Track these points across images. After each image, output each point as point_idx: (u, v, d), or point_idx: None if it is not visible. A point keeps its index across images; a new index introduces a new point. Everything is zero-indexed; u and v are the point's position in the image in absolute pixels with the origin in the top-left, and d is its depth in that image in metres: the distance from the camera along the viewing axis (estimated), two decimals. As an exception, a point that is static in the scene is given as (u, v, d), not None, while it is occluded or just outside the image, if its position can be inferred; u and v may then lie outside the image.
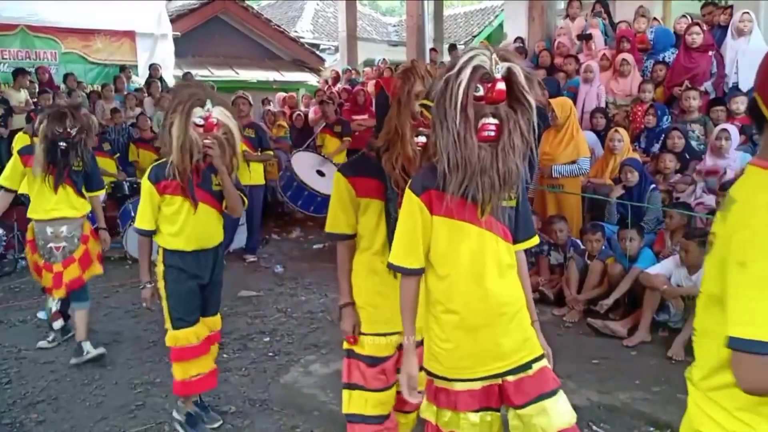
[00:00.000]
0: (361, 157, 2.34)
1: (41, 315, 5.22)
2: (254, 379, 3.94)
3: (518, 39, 8.90)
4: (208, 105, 2.83)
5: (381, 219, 2.24)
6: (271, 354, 4.34)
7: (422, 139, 2.09)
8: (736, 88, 6.05)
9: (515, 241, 1.95)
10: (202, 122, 2.81)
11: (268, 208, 8.80)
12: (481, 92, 1.65)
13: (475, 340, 1.84)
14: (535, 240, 2.08)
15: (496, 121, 1.66)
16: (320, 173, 7.29)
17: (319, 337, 4.65)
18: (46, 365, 4.25)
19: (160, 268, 3.11)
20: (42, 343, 4.53)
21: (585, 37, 7.51)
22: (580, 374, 3.89)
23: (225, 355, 4.32)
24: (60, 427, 3.41)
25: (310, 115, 9.61)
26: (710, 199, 5.09)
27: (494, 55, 1.65)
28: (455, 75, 1.66)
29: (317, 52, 16.13)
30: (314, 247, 7.63)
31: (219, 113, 2.87)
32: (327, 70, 14.22)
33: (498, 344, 1.86)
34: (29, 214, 4.12)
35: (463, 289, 1.82)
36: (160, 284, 3.12)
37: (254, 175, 6.72)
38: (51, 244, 4.07)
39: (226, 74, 13.14)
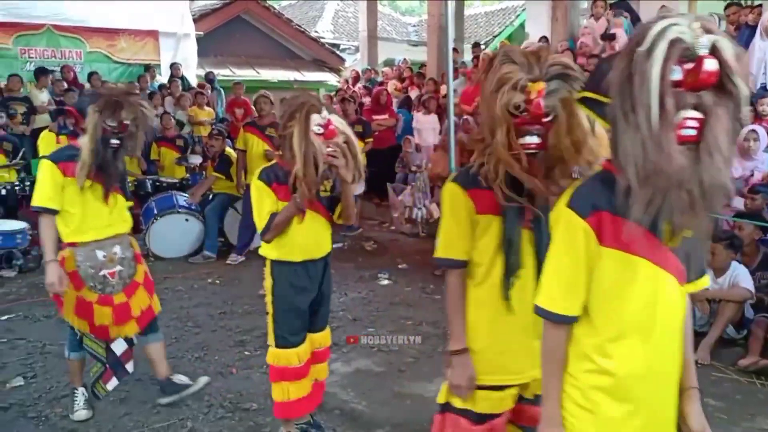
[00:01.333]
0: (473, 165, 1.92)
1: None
2: (275, 376, 3.95)
3: (543, 39, 8.85)
4: (325, 112, 2.62)
5: (500, 248, 1.88)
6: (292, 352, 4.34)
7: (533, 140, 1.72)
8: (764, 89, 5.94)
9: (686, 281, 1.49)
10: (321, 130, 2.59)
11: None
12: (680, 75, 1.21)
13: (629, 416, 1.45)
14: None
15: (699, 115, 1.23)
16: (339, 173, 7.29)
17: (340, 335, 4.64)
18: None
19: (268, 282, 2.94)
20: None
21: (608, 37, 7.43)
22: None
23: (247, 353, 4.35)
24: (84, 422, 3.44)
25: (331, 115, 9.61)
26: (737, 201, 5.01)
27: (695, 24, 1.22)
28: (646, 53, 1.21)
29: (337, 52, 16.17)
30: (334, 245, 7.58)
31: (336, 120, 2.67)
32: (347, 69, 14.24)
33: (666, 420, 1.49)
34: (68, 238, 3.15)
35: (627, 345, 1.42)
36: (268, 298, 2.94)
37: None
38: (104, 271, 3.20)
39: (247, 74, 13.22)
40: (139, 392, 3.78)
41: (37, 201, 3.08)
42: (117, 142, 3.06)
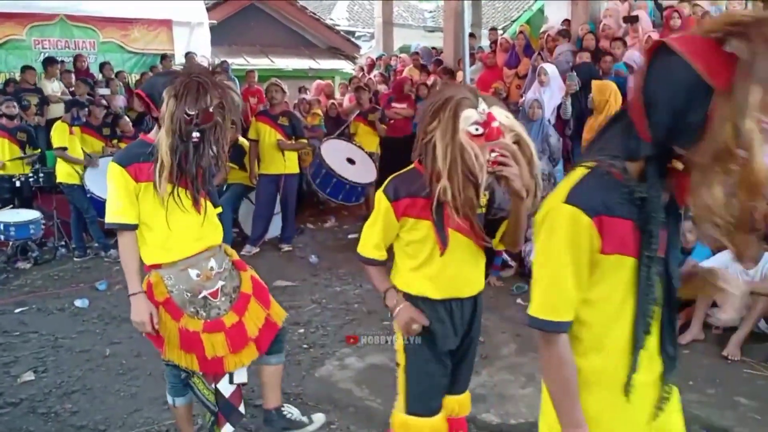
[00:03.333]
0: (606, 179, 1.33)
1: (79, 303, 5.25)
2: (289, 371, 3.84)
3: (565, 21, 8.60)
4: (482, 105, 1.90)
5: (629, 294, 1.38)
6: (305, 346, 4.26)
7: None
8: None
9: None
10: (480, 130, 1.87)
11: (304, 198, 8.74)
12: None
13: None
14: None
15: None
16: (350, 161, 7.16)
17: (355, 329, 4.54)
18: (82, 354, 4.25)
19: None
20: None
21: (631, 20, 7.19)
22: (628, 373, 3.68)
23: (259, 347, 4.25)
24: (93, 418, 3.38)
25: (345, 103, 9.48)
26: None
27: None
28: None
29: (353, 39, 15.98)
30: (349, 237, 7.52)
31: (500, 113, 1.93)
32: (362, 57, 14.07)
33: None
34: (150, 259, 2.55)
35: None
36: (398, 345, 2.26)
37: (289, 163, 6.66)
38: (204, 292, 2.57)
39: (261, 63, 13.08)
40: (150, 388, 3.71)
41: (109, 216, 2.49)
42: (198, 134, 2.36)
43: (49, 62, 8.88)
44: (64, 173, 6.59)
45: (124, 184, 2.44)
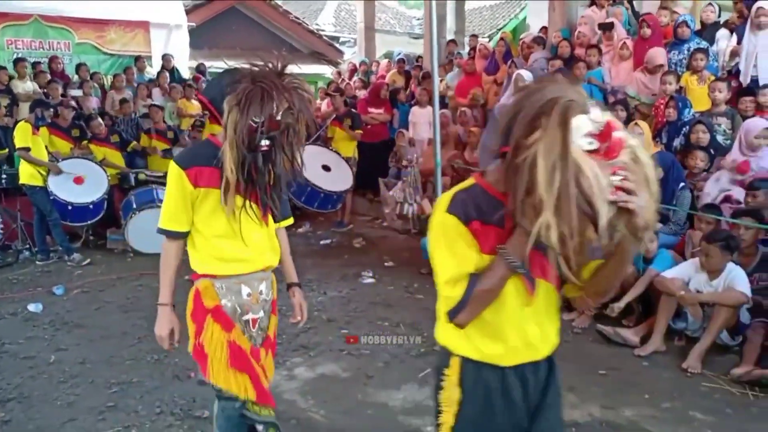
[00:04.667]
0: None
1: (32, 308, 5.11)
2: (235, 381, 3.73)
3: (542, 29, 8.56)
4: (595, 112, 1.36)
5: None
6: (256, 355, 4.12)
7: None
8: (755, 82, 5.65)
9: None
10: (595, 144, 1.34)
11: (278, 202, 8.63)
12: None
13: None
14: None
15: None
16: (326, 168, 7.06)
17: (311, 338, 4.41)
18: (25, 360, 4.11)
19: (450, 393, 1.65)
20: None
21: (605, 27, 7.13)
22: (584, 386, 3.58)
23: (209, 355, 4.12)
24: (25, 428, 3.25)
25: (323, 108, 9.39)
26: (738, 192, 4.72)
27: None
28: None
29: (336, 45, 15.91)
30: (321, 243, 7.41)
31: (617, 123, 1.38)
32: (344, 62, 14.00)
33: None
34: (204, 268, 2.27)
35: None
36: (447, 418, 1.67)
37: None
38: (250, 315, 2.30)
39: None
40: (90, 396, 3.58)
41: (161, 220, 2.25)
42: (268, 143, 2.08)
43: (19, 61, 8.74)
44: (26, 174, 6.45)
45: (181, 187, 2.17)
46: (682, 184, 4.88)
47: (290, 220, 2.51)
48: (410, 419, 3.25)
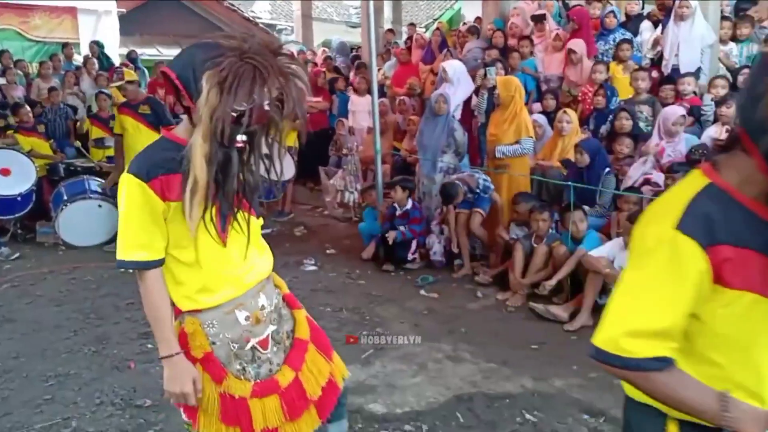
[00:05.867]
0: None
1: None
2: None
3: (476, 19, 8.75)
4: None
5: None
6: (198, 343, 4.12)
7: None
8: (675, 71, 5.99)
9: None
10: None
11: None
12: None
13: None
14: None
15: None
16: (267, 158, 7.01)
17: (253, 324, 4.43)
18: (-45, 357, 3.96)
19: None
20: None
21: (538, 19, 7.37)
22: (517, 360, 3.76)
23: (150, 345, 4.08)
24: (-43, 425, 3.15)
25: (261, 96, 9.29)
26: (659, 177, 5.01)
27: None
28: None
29: (272, 33, 15.73)
30: (262, 232, 7.33)
31: None
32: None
33: None
34: (186, 303, 1.82)
35: None
36: None
37: None
38: (253, 341, 1.88)
39: (175, 53, 12.62)
40: (25, 390, 3.50)
41: (122, 251, 1.73)
42: (245, 139, 1.62)
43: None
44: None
45: (146, 204, 1.68)
46: (607, 169, 5.14)
47: (260, 221, 1.99)
48: (353, 398, 3.34)
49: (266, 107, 1.59)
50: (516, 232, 5.26)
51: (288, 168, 7.18)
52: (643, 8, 7.27)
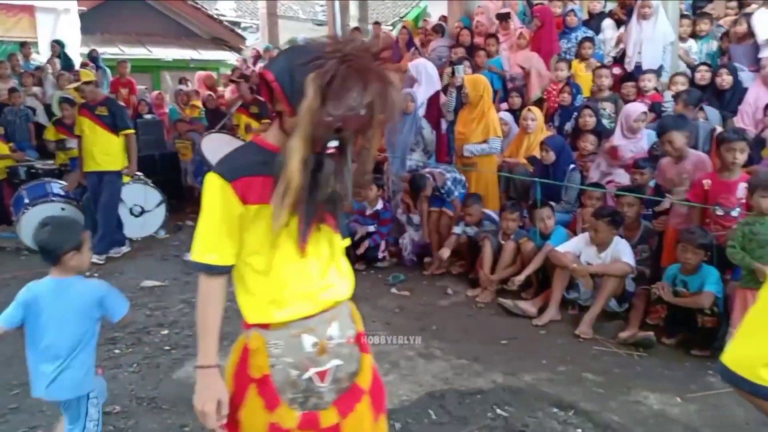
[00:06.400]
0: None
1: None
2: (145, 375, 3.67)
3: (442, 17, 8.80)
4: None
5: None
6: (167, 348, 4.07)
7: None
8: (638, 69, 6.13)
9: None
10: None
11: (185, 192, 8.44)
12: None
13: None
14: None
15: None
16: (233, 156, 6.95)
17: (223, 327, 4.38)
18: None
19: None
20: None
21: (502, 17, 7.45)
22: (487, 356, 3.81)
23: (117, 351, 4.03)
24: None
25: (227, 95, 9.22)
26: (620, 175, 5.12)
27: None
28: None
29: (237, 30, 15.58)
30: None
31: None
32: (248, 48, 13.75)
33: None
34: (255, 316, 1.71)
35: None
36: None
37: (109, 159, 6.04)
38: (312, 371, 1.73)
39: (138, 52, 12.46)
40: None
41: (195, 251, 1.68)
42: (335, 145, 1.54)
43: None
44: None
45: (226, 205, 1.62)
46: (572, 166, 5.23)
47: (347, 242, 1.88)
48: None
49: (362, 112, 1.50)
50: (463, 228, 5.30)
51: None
52: (605, 6, 7.40)
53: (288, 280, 1.67)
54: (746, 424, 3.08)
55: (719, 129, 4.95)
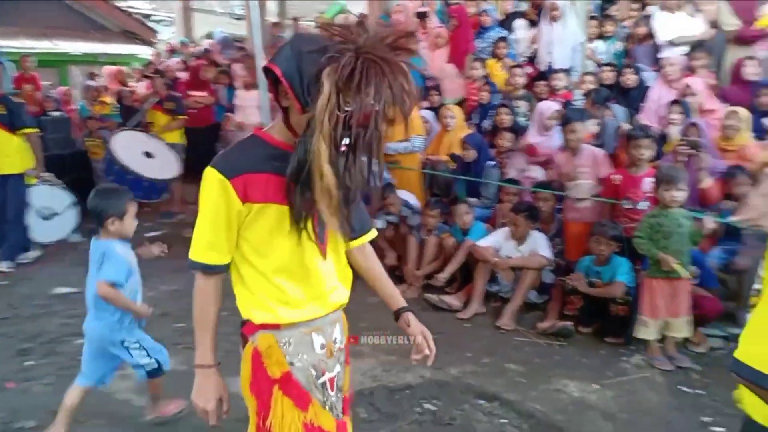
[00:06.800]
0: None
1: None
2: (60, 387, 3.48)
3: (361, 14, 8.81)
4: None
5: None
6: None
7: None
8: (550, 69, 6.38)
9: None
10: None
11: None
12: None
13: None
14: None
15: None
16: (148, 155, 6.70)
17: (149, 332, 4.23)
18: None
19: None
20: None
21: (421, 16, 7.54)
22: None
23: (30, 363, 3.82)
24: None
25: (141, 90, 8.86)
26: (536, 171, 5.31)
27: None
28: None
29: (148, 23, 14.98)
30: (147, 235, 7.05)
31: None
32: (162, 42, 13.28)
33: None
34: (264, 317, 1.64)
35: None
36: None
37: (8, 161, 5.70)
38: (327, 375, 1.72)
39: (42, 46, 11.73)
40: None
41: (194, 251, 1.63)
42: (347, 142, 1.44)
43: None
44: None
45: (225, 203, 1.54)
46: (491, 162, 5.39)
47: (373, 233, 1.89)
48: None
49: (376, 108, 1.40)
50: (383, 221, 5.33)
51: (171, 166, 6.90)
52: (517, 7, 7.64)
53: (301, 281, 1.64)
54: (658, 407, 3.29)
55: (626, 126, 5.24)
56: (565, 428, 3.07)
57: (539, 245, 4.51)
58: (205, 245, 1.61)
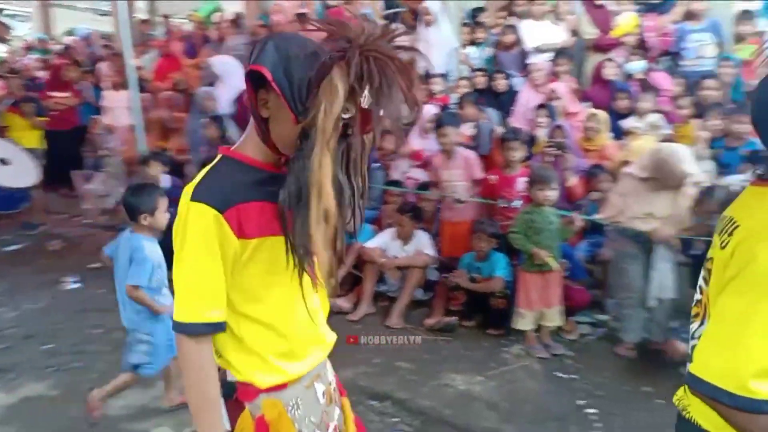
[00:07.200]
0: None
1: None
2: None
3: (237, 15, 8.59)
4: None
5: None
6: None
7: None
8: (428, 74, 6.58)
9: None
10: None
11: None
12: None
13: None
14: None
15: None
16: (3, 162, 6.14)
17: (8, 358, 3.89)
18: None
19: None
20: None
21: (301, 17, 7.50)
22: (306, 357, 3.84)
23: None
24: None
25: (-6, 92, 8.10)
26: (419, 173, 5.46)
27: None
28: None
29: (1, 18, 13.71)
30: (7, 249, 6.47)
31: None
32: (17, 39, 12.20)
33: None
34: (269, 380, 1.37)
35: None
36: None
37: None
38: (330, 427, 1.51)
39: None
40: None
41: (180, 309, 1.29)
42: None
43: None
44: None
45: (219, 243, 1.27)
46: (376, 165, 5.47)
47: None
48: (133, 425, 3.14)
49: (380, 112, 1.21)
50: None
51: (29, 173, 6.39)
52: (394, 9, 7.79)
53: (298, 325, 1.39)
54: (536, 394, 3.50)
55: (499, 129, 5.52)
56: (453, 422, 3.19)
57: (424, 244, 4.64)
58: (201, 300, 1.28)
